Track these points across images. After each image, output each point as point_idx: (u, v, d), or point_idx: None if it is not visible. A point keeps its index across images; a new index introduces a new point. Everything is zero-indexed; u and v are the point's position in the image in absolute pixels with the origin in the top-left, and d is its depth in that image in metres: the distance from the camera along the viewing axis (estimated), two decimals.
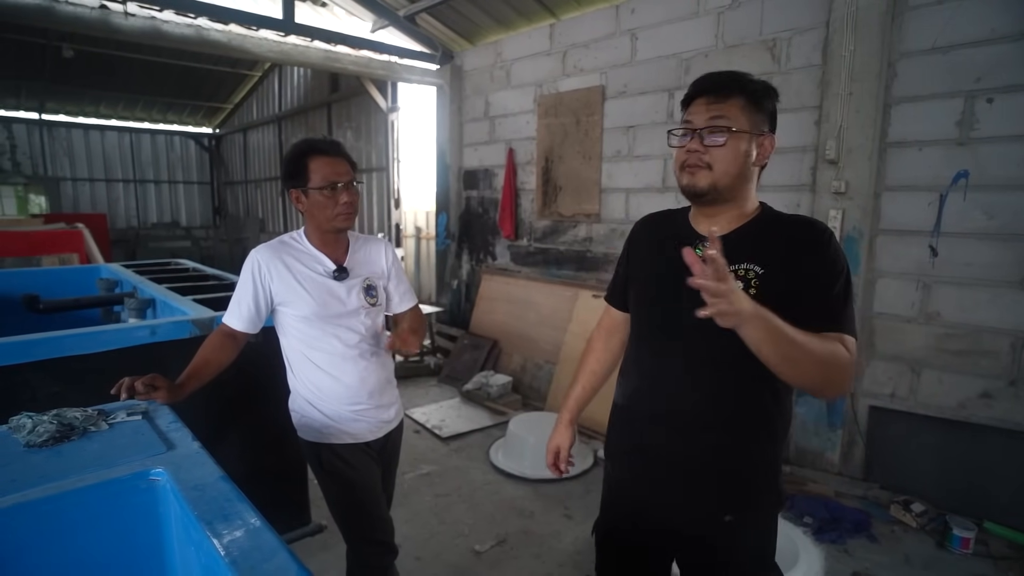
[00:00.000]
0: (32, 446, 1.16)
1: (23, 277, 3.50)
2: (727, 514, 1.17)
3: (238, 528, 0.88)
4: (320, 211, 1.58)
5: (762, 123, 1.12)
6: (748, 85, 1.12)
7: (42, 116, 10.90)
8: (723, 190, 1.11)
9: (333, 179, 1.56)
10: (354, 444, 1.68)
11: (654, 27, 3.88)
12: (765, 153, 1.13)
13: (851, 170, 2.96)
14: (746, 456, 1.17)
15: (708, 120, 1.11)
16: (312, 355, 1.63)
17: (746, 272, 1.09)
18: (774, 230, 1.13)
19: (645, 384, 1.25)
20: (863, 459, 3.10)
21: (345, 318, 1.63)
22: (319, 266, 1.63)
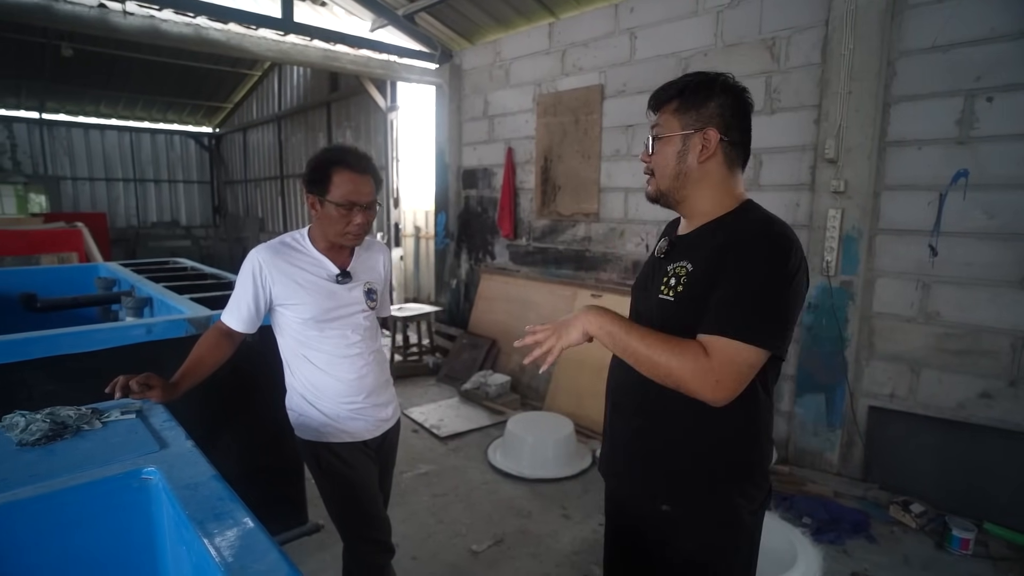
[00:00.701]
0: (25, 445, 1.15)
1: (21, 276, 3.50)
2: (662, 503, 1.17)
3: (229, 528, 0.87)
4: (330, 225, 1.57)
5: (700, 119, 1.12)
6: (680, 89, 1.14)
7: (42, 115, 10.91)
8: (668, 192, 1.17)
9: (352, 199, 1.53)
10: (352, 443, 1.68)
11: (653, 26, 3.87)
12: (710, 146, 1.12)
13: (850, 169, 2.95)
14: (673, 445, 1.16)
15: (650, 131, 1.20)
16: (310, 355, 1.63)
17: (679, 269, 1.13)
18: (723, 231, 1.11)
19: (614, 365, 1.31)
20: (862, 459, 3.09)
21: (345, 319, 1.64)
22: (322, 270, 1.62)
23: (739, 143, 1.15)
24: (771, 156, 3.35)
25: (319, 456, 1.67)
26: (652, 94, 1.20)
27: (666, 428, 1.17)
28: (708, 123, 1.12)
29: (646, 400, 1.19)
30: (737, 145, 1.15)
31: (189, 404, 1.55)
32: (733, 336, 1.00)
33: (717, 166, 1.14)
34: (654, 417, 1.19)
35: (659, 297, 1.14)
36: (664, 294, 1.13)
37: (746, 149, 1.17)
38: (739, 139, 1.15)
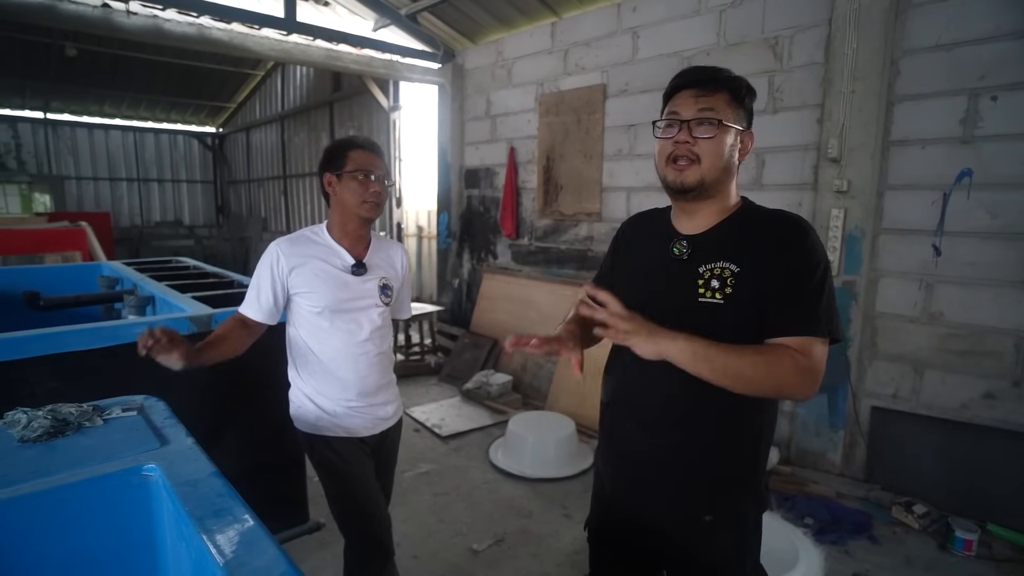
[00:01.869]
0: (26, 441, 1.15)
1: (25, 274, 3.52)
2: (706, 514, 1.16)
3: (228, 525, 0.87)
4: (351, 195, 1.61)
5: (744, 119, 1.12)
6: (732, 81, 1.12)
7: (47, 115, 10.93)
8: (710, 185, 1.10)
9: (368, 167, 1.61)
10: (348, 438, 1.68)
11: (655, 25, 3.86)
12: (747, 149, 1.13)
13: (853, 169, 2.94)
14: (712, 455, 1.15)
15: (697, 112, 1.08)
16: (317, 347, 1.65)
17: (721, 271, 1.09)
18: (753, 227, 1.12)
19: (625, 382, 1.26)
20: (864, 460, 3.08)
21: (357, 313, 1.65)
22: (337, 260, 1.65)
23: None
24: (774, 155, 3.34)
25: (314, 448, 1.69)
26: (696, 75, 1.11)
27: (711, 440, 1.15)
28: (749, 124, 1.13)
29: (678, 412, 1.16)
30: None
31: (190, 401, 1.55)
32: (818, 334, 1.03)
33: (739, 167, 1.15)
34: (698, 430, 1.15)
35: (699, 301, 1.09)
36: (707, 297, 1.08)
37: None
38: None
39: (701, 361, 0.99)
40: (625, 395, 1.25)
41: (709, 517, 1.16)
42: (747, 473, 1.17)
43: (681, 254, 1.14)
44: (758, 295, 1.06)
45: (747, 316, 1.06)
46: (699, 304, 1.09)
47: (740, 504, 1.17)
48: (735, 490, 1.17)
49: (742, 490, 1.17)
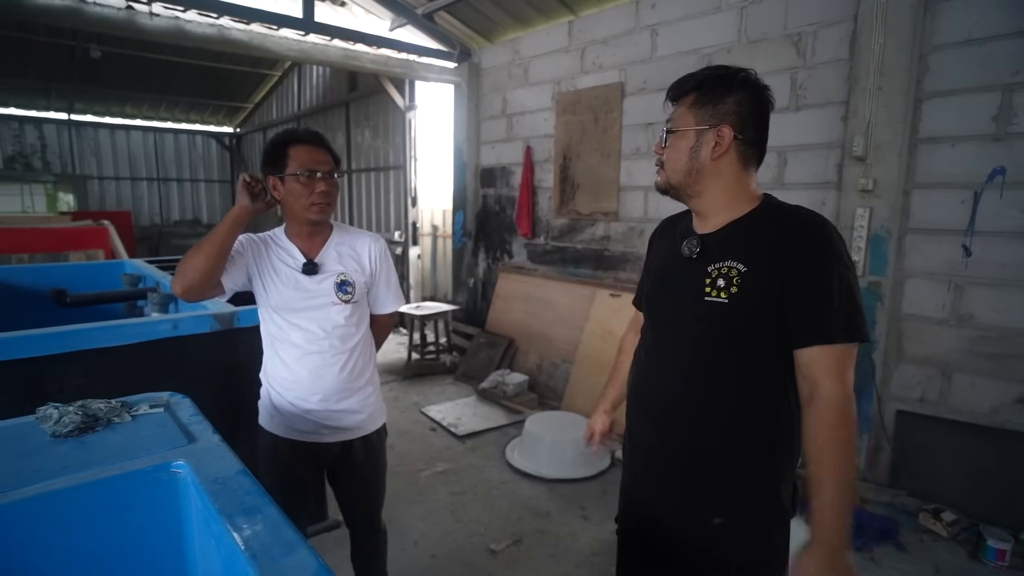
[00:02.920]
0: (58, 436, 1.16)
1: (51, 272, 3.57)
2: (714, 516, 1.15)
3: (258, 522, 0.87)
4: (295, 199, 1.55)
5: (716, 115, 1.10)
6: (699, 81, 1.13)
7: (71, 116, 11.13)
8: (678, 187, 1.16)
9: (311, 166, 1.53)
10: (297, 442, 1.65)
11: (674, 23, 3.82)
12: (723, 144, 1.10)
13: (879, 167, 2.89)
14: (716, 457, 1.14)
15: (665, 123, 1.18)
16: (276, 345, 1.64)
17: (728, 270, 1.09)
18: (766, 226, 1.10)
19: (641, 376, 1.28)
20: (890, 465, 3.02)
21: (313, 312, 1.60)
22: (290, 258, 1.62)
23: (754, 142, 1.13)
24: (796, 154, 3.29)
25: (260, 440, 1.69)
26: (671, 84, 1.18)
27: (721, 440, 1.14)
28: (723, 120, 1.10)
29: (683, 411, 1.17)
30: (752, 144, 1.13)
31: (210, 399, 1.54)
32: (845, 339, 1.02)
33: (729, 164, 1.12)
34: (708, 429, 1.15)
35: (705, 300, 1.10)
36: (712, 296, 1.09)
37: (762, 148, 1.15)
38: (755, 138, 1.12)
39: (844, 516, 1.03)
40: (637, 390, 1.28)
41: (718, 520, 1.14)
42: (758, 483, 1.14)
43: (691, 253, 1.16)
44: (766, 296, 1.05)
45: (752, 316, 1.06)
46: (705, 303, 1.10)
47: (753, 515, 1.15)
48: (745, 499, 1.14)
49: (753, 500, 1.14)
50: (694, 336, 1.15)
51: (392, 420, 4.07)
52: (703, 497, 1.17)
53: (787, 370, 1.10)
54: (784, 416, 1.12)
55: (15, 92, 10.08)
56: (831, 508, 1.02)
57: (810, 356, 1.03)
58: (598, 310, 4.27)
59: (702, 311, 1.11)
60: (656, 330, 1.26)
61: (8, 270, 3.49)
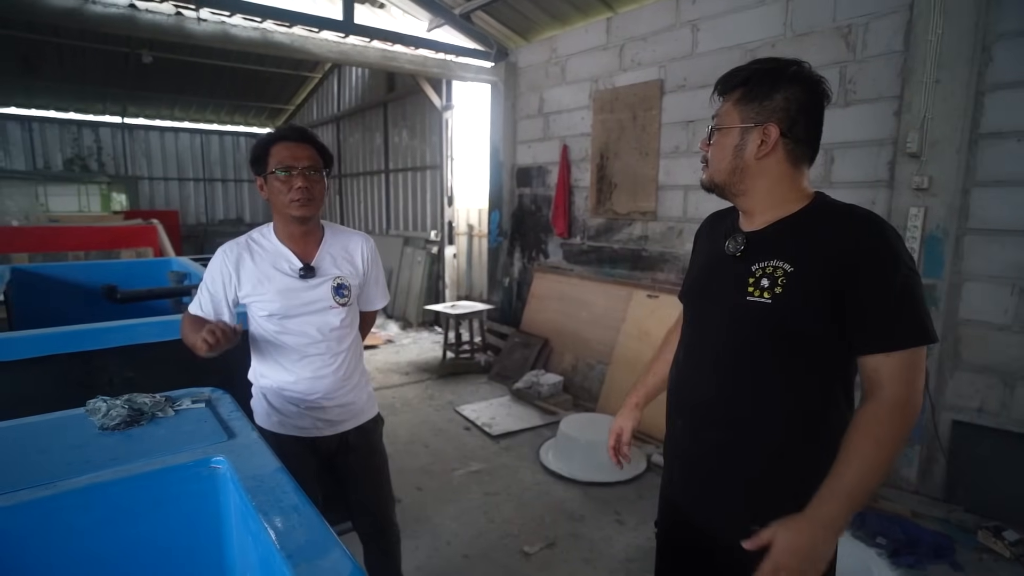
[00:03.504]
0: (106, 429, 1.20)
1: (103, 269, 3.73)
2: (755, 524, 1.08)
3: (294, 521, 0.87)
4: (277, 197, 1.54)
5: (763, 112, 1.05)
6: (747, 76, 1.07)
7: (124, 120, 11.65)
8: (723, 185, 1.12)
9: (288, 162, 1.52)
10: (298, 438, 1.65)
11: (717, 17, 3.72)
12: (769, 142, 1.05)
13: (935, 164, 2.74)
14: (763, 463, 1.10)
15: (712, 118, 1.14)
16: (271, 347, 1.62)
17: (774, 270, 1.04)
18: (816, 224, 1.05)
19: (679, 377, 1.24)
20: (944, 478, 2.87)
21: (310, 316, 1.60)
22: (285, 264, 1.59)
23: (805, 140, 1.07)
24: (844, 151, 3.15)
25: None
26: (720, 78, 1.13)
27: (762, 445, 1.10)
28: (770, 117, 1.04)
29: (718, 414, 1.13)
30: (802, 142, 1.07)
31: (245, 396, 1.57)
32: (914, 343, 0.97)
33: (777, 163, 1.06)
34: (747, 433, 1.11)
35: (747, 300, 1.05)
36: (755, 296, 1.04)
37: (814, 146, 1.09)
38: (805, 135, 1.06)
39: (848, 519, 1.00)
40: (675, 392, 1.25)
41: (756, 528, 1.08)
42: (800, 490, 1.07)
43: (735, 251, 1.11)
44: (814, 298, 0.99)
45: (797, 319, 1.01)
46: (747, 303, 1.06)
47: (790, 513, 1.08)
48: (785, 503, 1.07)
49: (794, 509, 1.07)
50: (734, 337, 1.11)
51: (426, 418, 4.10)
52: (742, 503, 1.13)
53: (835, 375, 1.05)
54: (830, 422, 1.07)
55: (76, 98, 10.61)
56: (846, 493, 0.96)
57: (876, 363, 0.98)
58: (635, 311, 4.20)
59: (743, 311, 1.06)
60: (695, 329, 1.22)
61: (65, 267, 3.66)
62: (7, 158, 10.60)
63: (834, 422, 1.07)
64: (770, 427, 1.08)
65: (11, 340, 1.72)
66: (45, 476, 1.00)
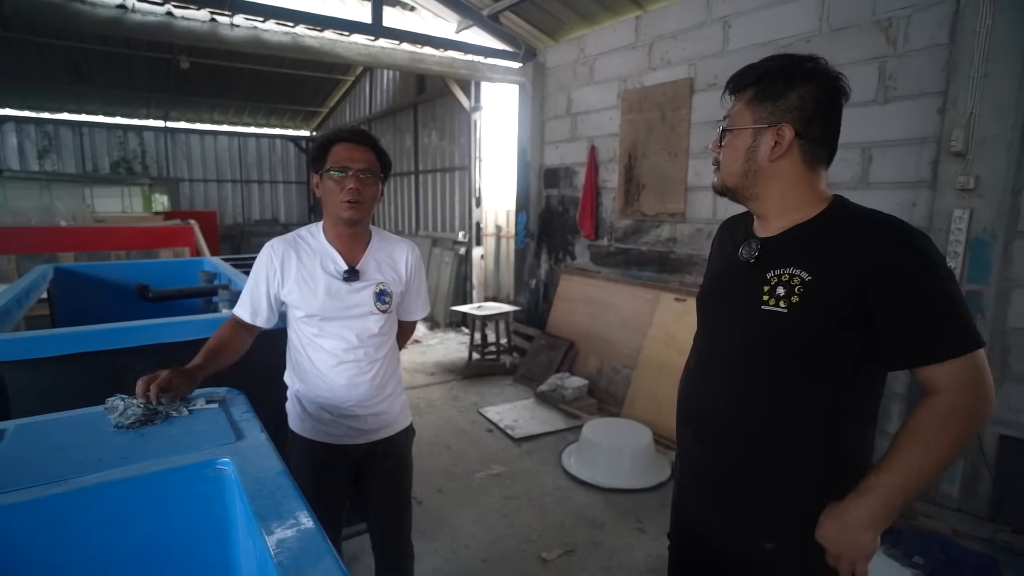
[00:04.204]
0: (120, 428, 1.22)
1: (139, 268, 3.85)
2: (765, 540, 1.05)
3: (290, 527, 0.87)
4: (329, 197, 1.53)
5: (776, 112, 1.00)
6: (759, 75, 1.02)
7: (166, 124, 12.10)
8: (735, 189, 1.08)
9: (344, 163, 1.50)
10: (330, 445, 1.63)
11: (749, 13, 3.62)
12: (783, 144, 0.99)
13: (983, 163, 2.59)
14: (772, 478, 1.05)
15: (721, 120, 1.10)
16: (308, 351, 1.60)
17: (790, 278, 0.99)
18: (836, 232, 0.98)
19: (689, 386, 1.20)
20: (990, 495, 2.71)
21: (350, 321, 1.57)
22: (331, 264, 1.57)
23: (821, 140, 1.01)
24: (883, 150, 3.01)
25: (292, 445, 1.66)
26: (731, 76, 1.08)
27: (771, 460, 1.05)
28: (784, 117, 0.99)
29: (728, 424, 1.09)
30: (819, 142, 1.01)
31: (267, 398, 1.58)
32: (963, 351, 0.91)
33: (792, 165, 1.01)
34: (757, 447, 1.06)
35: (762, 308, 1.00)
36: (770, 305, 1.00)
37: (831, 146, 1.03)
38: (821, 136, 1.00)
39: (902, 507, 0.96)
40: (685, 400, 1.21)
41: (770, 545, 1.05)
42: (811, 508, 1.03)
43: (749, 257, 1.06)
44: (834, 308, 0.94)
45: (815, 330, 0.96)
46: (761, 312, 1.01)
47: (804, 543, 1.03)
48: (795, 524, 1.04)
49: (805, 526, 1.03)
50: (747, 347, 1.06)
51: (450, 419, 4.10)
52: (751, 518, 1.08)
53: (851, 389, 1.00)
54: (843, 438, 1.02)
55: (122, 103, 11.06)
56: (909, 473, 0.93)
57: (930, 373, 0.93)
58: (662, 315, 4.11)
59: (757, 321, 1.02)
60: (708, 337, 1.18)
61: (102, 266, 3.79)
62: (59, 161, 11.12)
63: (848, 437, 1.02)
64: (781, 440, 1.03)
65: (46, 337, 1.78)
66: (58, 473, 1.02)
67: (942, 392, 0.92)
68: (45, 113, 10.89)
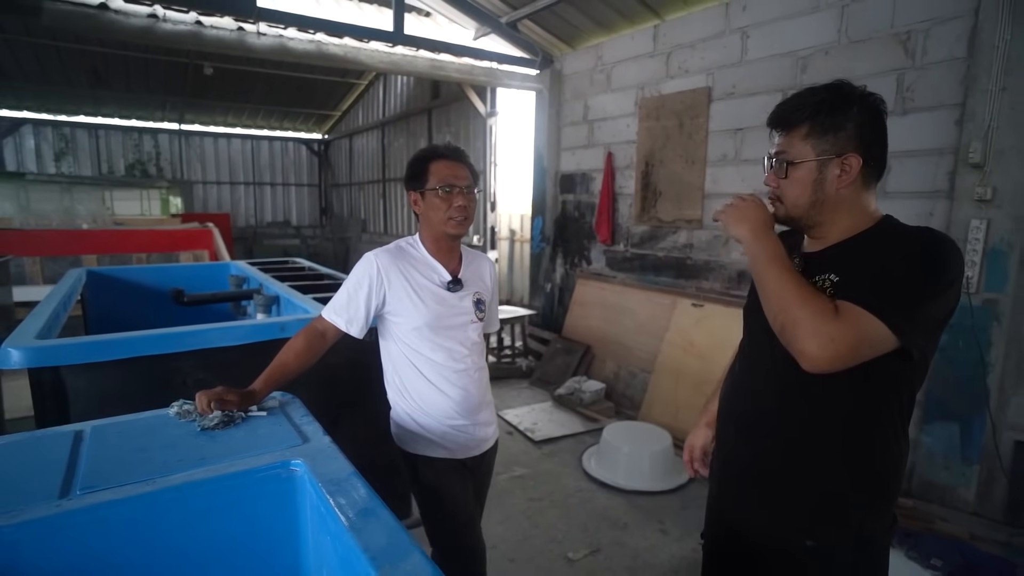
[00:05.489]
0: (206, 429, 1.29)
1: (167, 272, 3.95)
2: (805, 538, 1.11)
3: (374, 525, 0.93)
4: (434, 213, 1.56)
5: (838, 143, 1.05)
6: (813, 109, 1.06)
7: (181, 127, 12.23)
8: (800, 219, 1.12)
9: (450, 180, 1.54)
10: (449, 460, 1.64)
11: (767, 24, 3.67)
12: (851, 173, 1.05)
13: (1000, 175, 2.64)
14: (812, 476, 1.11)
15: (774, 154, 1.12)
16: (420, 364, 1.60)
17: (822, 281, 1.07)
18: (874, 242, 1.06)
19: (733, 388, 1.27)
20: (1006, 500, 2.76)
21: (455, 330, 1.61)
22: (435, 275, 1.61)
23: (878, 159, 1.08)
24: (901, 161, 3.07)
25: (417, 469, 1.65)
26: (776, 113, 1.12)
27: (808, 459, 1.11)
28: (847, 147, 1.05)
29: (772, 422, 1.16)
30: (877, 164, 1.08)
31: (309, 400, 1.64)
32: (866, 307, 0.95)
33: (855, 189, 1.07)
34: (782, 439, 1.13)
35: None
36: None
37: (883, 165, 1.10)
38: (878, 156, 1.08)
39: (750, 255, 1.09)
40: (729, 399, 1.28)
41: (811, 543, 1.11)
42: (850, 506, 1.09)
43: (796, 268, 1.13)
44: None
45: None
46: None
47: (842, 541, 1.10)
48: (834, 522, 1.10)
49: (843, 524, 1.10)
50: (786, 351, 1.11)
51: None
52: (791, 516, 1.14)
53: (891, 390, 1.06)
54: (881, 437, 1.08)
55: (139, 106, 11.22)
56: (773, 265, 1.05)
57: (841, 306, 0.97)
58: (679, 320, 4.17)
59: None
60: (751, 344, 1.25)
61: (132, 270, 3.89)
62: (76, 164, 11.28)
63: (882, 438, 1.08)
64: (819, 438, 1.10)
65: (105, 342, 1.85)
66: (145, 473, 1.09)
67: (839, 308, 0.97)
68: (62, 116, 11.05)
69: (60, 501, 0.98)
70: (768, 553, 1.18)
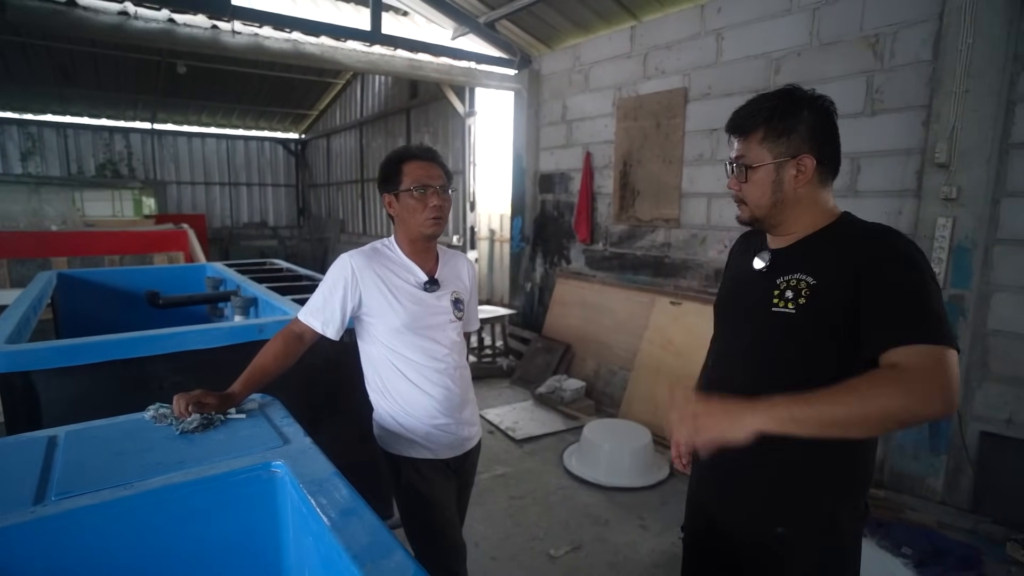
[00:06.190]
0: (185, 433, 1.28)
1: (141, 274, 3.87)
2: (776, 525, 1.15)
3: (356, 524, 0.94)
4: (409, 215, 1.56)
5: (792, 145, 1.10)
6: (767, 114, 1.11)
7: (154, 126, 11.97)
8: (765, 219, 1.16)
9: (424, 181, 1.54)
10: (433, 460, 1.64)
11: (742, 26, 3.74)
12: (807, 173, 1.10)
13: (964, 174, 2.74)
14: (783, 466, 1.14)
15: (734, 159, 1.17)
16: (401, 365, 1.60)
17: (797, 282, 1.10)
18: (839, 241, 1.10)
19: (707, 383, 1.31)
20: (971, 489, 2.85)
21: (434, 330, 1.61)
22: (411, 276, 1.61)
23: (831, 158, 1.14)
24: (870, 160, 3.15)
25: (400, 471, 1.64)
26: (733, 120, 1.18)
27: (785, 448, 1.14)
28: (801, 148, 1.10)
29: None
30: (831, 161, 1.14)
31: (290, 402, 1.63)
32: (934, 341, 0.91)
33: (812, 187, 1.12)
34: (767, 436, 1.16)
35: (773, 311, 1.12)
36: (780, 307, 1.11)
37: (837, 162, 1.16)
38: (831, 154, 1.13)
39: (791, 425, 0.92)
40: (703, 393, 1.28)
41: (781, 529, 1.15)
42: (821, 495, 1.14)
43: (762, 266, 1.19)
44: (835, 308, 1.05)
45: (820, 328, 1.07)
46: (772, 313, 1.12)
47: (810, 526, 1.14)
48: (809, 505, 1.14)
49: (815, 512, 1.14)
50: (760, 344, 1.17)
51: None
52: (765, 507, 1.17)
53: None
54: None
55: (108, 105, 10.94)
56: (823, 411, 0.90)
57: (898, 356, 0.93)
58: (658, 318, 4.23)
59: (769, 321, 1.13)
60: (724, 338, 1.30)
61: (105, 272, 3.80)
62: (43, 164, 10.97)
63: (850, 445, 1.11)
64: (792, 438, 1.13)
65: (77, 346, 1.81)
66: (123, 477, 1.08)
67: (899, 365, 0.92)
68: (28, 115, 10.74)
69: (35, 507, 0.96)
70: (744, 545, 1.21)
